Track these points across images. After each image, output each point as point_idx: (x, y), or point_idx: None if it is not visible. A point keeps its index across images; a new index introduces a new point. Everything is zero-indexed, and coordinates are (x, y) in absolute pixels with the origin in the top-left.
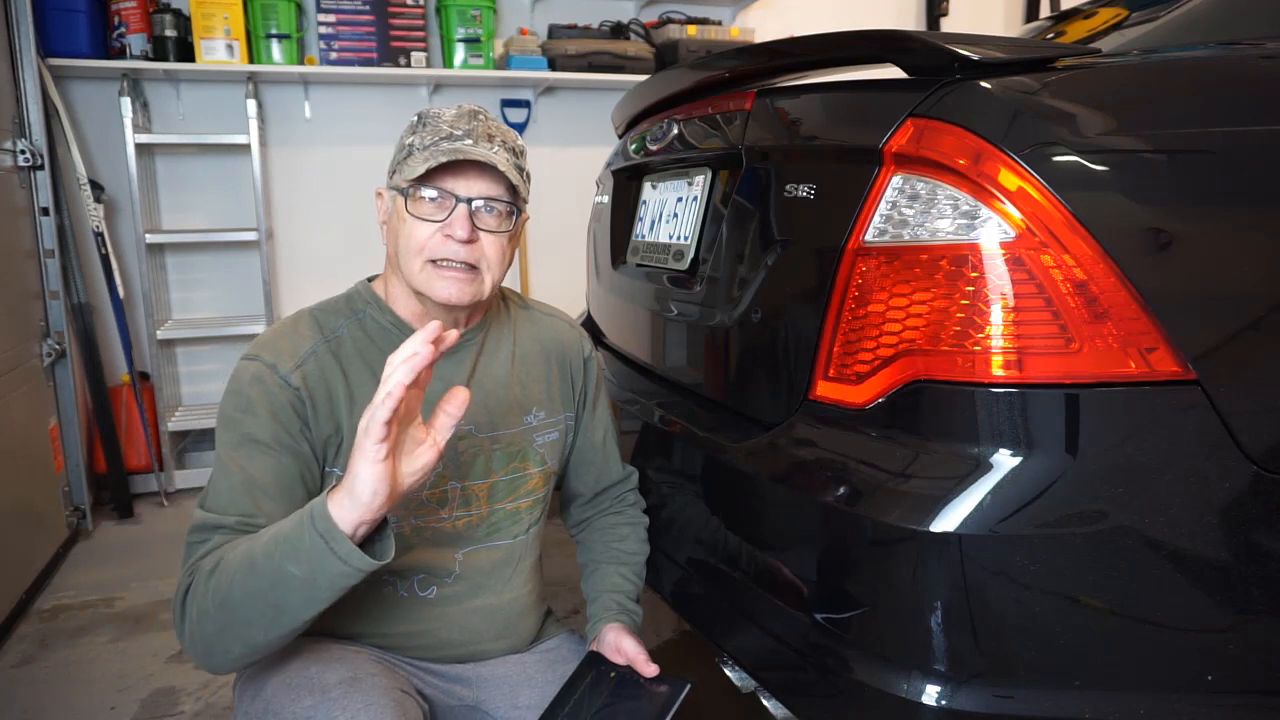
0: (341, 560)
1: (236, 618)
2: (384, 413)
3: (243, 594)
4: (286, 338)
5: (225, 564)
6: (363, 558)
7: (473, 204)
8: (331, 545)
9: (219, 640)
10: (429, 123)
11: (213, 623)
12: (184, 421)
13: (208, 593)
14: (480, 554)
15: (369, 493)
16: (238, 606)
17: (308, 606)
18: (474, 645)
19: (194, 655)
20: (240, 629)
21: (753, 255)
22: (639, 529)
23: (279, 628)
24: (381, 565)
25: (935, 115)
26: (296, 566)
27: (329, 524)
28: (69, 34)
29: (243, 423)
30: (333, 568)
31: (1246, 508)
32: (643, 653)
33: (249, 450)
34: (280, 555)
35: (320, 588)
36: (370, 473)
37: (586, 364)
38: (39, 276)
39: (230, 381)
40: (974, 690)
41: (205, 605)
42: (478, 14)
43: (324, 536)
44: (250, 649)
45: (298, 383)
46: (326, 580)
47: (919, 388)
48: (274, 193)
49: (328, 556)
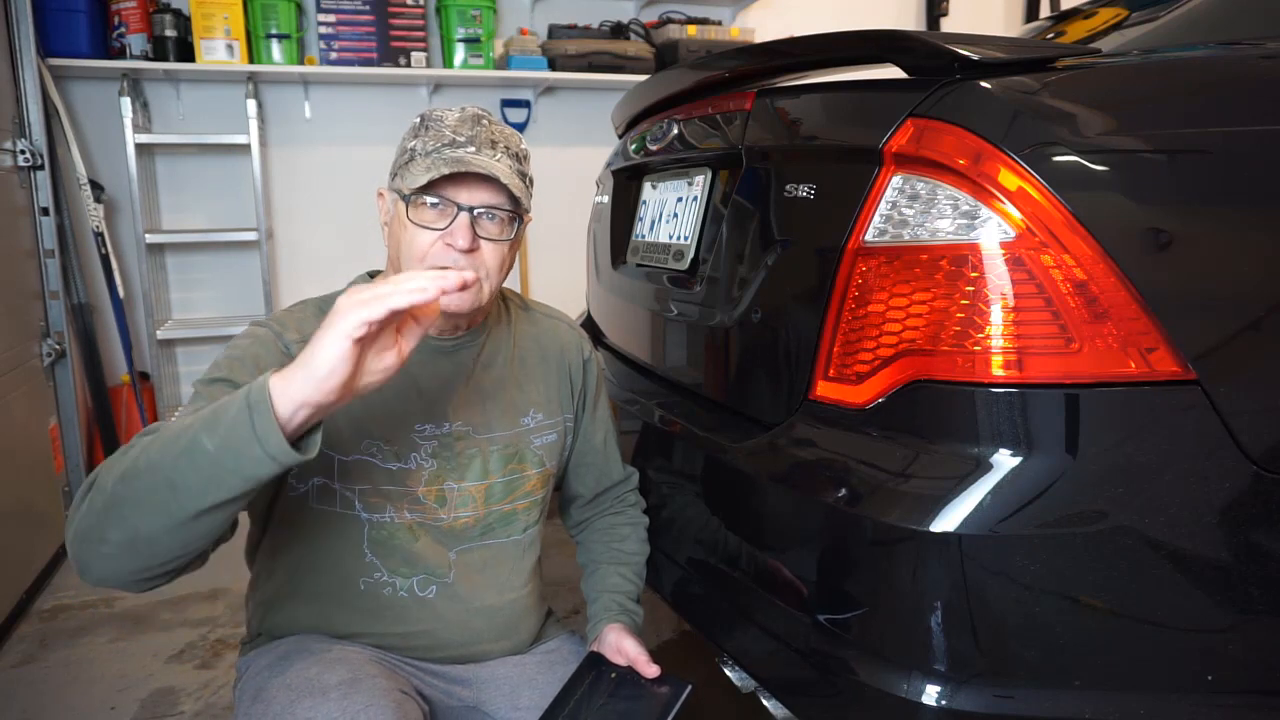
0: (258, 439)
1: (128, 493)
2: (376, 312)
3: (145, 464)
4: (294, 315)
5: (140, 442)
6: (281, 442)
7: (474, 212)
8: (254, 418)
9: (99, 523)
10: (432, 126)
11: (103, 499)
12: None
13: (111, 469)
14: (477, 553)
15: (326, 368)
16: (137, 479)
17: (204, 492)
18: (474, 646)
19: (71, 544)
20: (126, 508)
21: (753, 255)
22: (639, 529)
23: (164, 515)
24: (297, 460)
25: (935, 115)
26: (210, 438)
27: (262, 395)
28: (69, 34)
29: (227, 368)
30: (246, 446)
31: (1246, 508)
32: (644, 653)
33: (221, 389)
34: (199, 426)
35: (225, 469)
36: (338, 349)
37: (586, 365)
38: (39, 276)
39: (235, 337)
40: (974, 690)
41: (104, 481)
42: (478, 14)
43: (251, 408)
44: (126, 543)
45: (296, 351)
46: (234, 460)
47: (919, 388)
48: (274, 193)
49: (245, 431)
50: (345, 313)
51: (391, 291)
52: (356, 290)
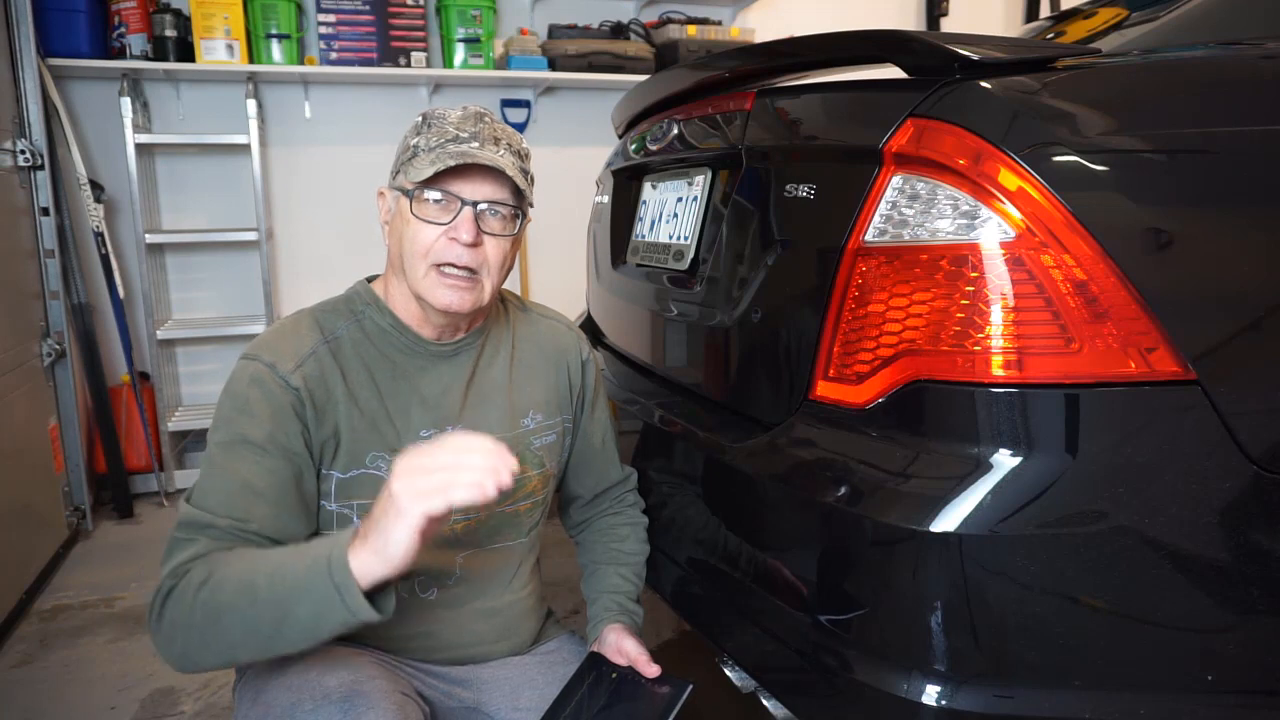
0: (350, 612)
1: (224, 637)
2: (438, 507)
3: (238, 619)
4: (286, 338)
5: (220, 582)
6: (370, 612)
7: (478, 207)
8: (345, 598)
9: (198, 650)
10: (434, 124)
11: (197, 634)
12: (184, 422)
13: (195, 605)
14: (480, 557)
15: (402, 555)
16: (230, 629)
17: (304, 642)
18: (475, 647)
19: (166, 655)
20: (225, 648)
21: (753, 255)
22: (638, 529)
23: (268, 653)
24: (381, 619)
25: (935, 115)
26: (303, 609)
27: (347, 578)
28: (69, 34)
29: (239, 423)
30: (340, 617)
31: (1246, 508)
32: (644, 653)
33: (244, 452)
34: (286, 594)
35: (322, 630)
36: (408, 539)
37: (585, 366)
38: (39, 276)
39: (229, 381)
40: (974, 690)
41: (192, 617)
42: (478, 14)
43: (339, 590)
44: (230, 663)
45: (298, 383)
46: (330, 626)
47: (919, 388)
48: (274, 193)
49: (338, 608)
50: (408, 507)
51: (449, 484)
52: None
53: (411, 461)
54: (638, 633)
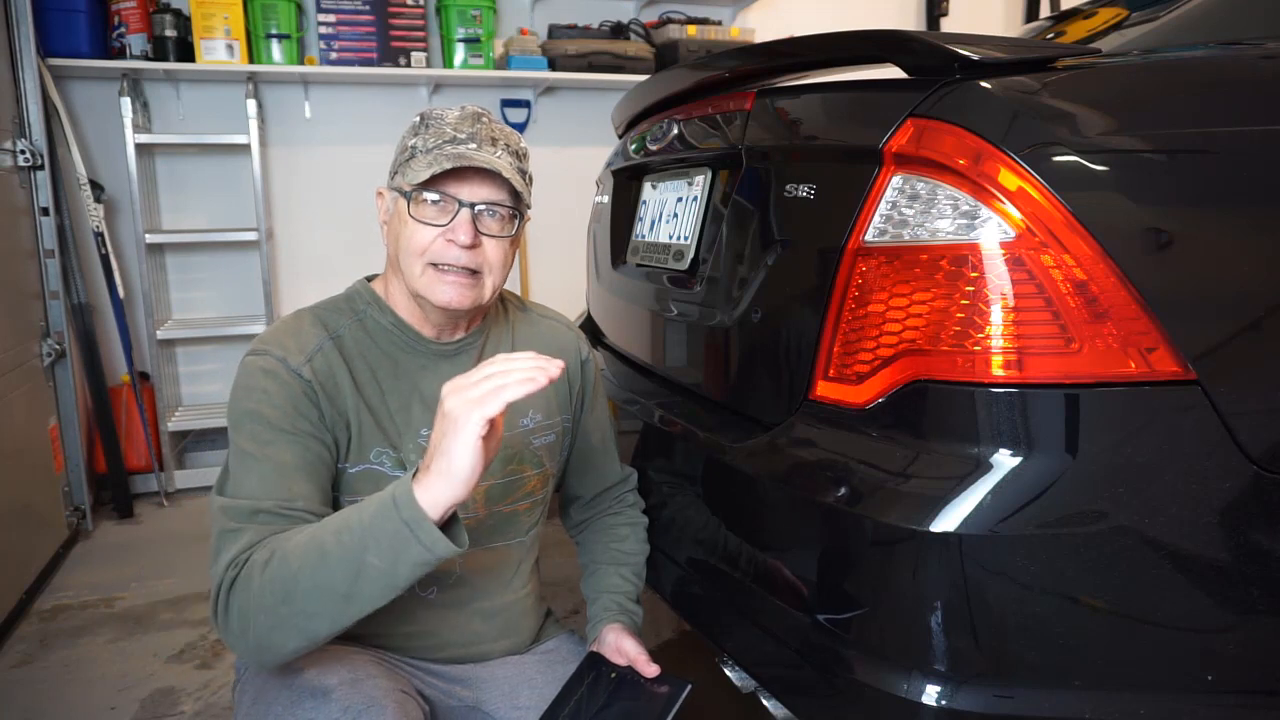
0: (426, 548)
1: (299, 608)
2: (494, 408)
3: (311, 586)
4: (291, 335)
5: (286, 554)
6: (447, 544)
7: (475, 209)
8: (417, 533)
9: (275, 634)
10: (432, 124)
11: (272, 616)
12: (184, 421)
13: (264, 584)
14: (480, 556)
15: (469, 470)
16: (304, 599)
17: (382, 595)
18: (474, 646)
19: (242, 650)
20: (303, 621)
21: (753, 255)
22: (638, 529)
23: (346, 618)
24: (458, 552)
25: (935, 115)
26: (378, 557)
27: (416, 511)
28: (69, 34)
29: (262, 412)
30: (416, 555)
31: (1246, 508)
32: (643, 653)
33: (273, 436)
34: (356, 544)
35: (399, 576)
36: (472, 451)
37: (584, 366)
38: (39, 276)
39: (240, 377)
40: (974, 690)
41: (263, 598)
42: (478, 14)
43: (409, 524)
44: (309, 641)
45: (309, 375)
46: (408, 569)
47: (919, 388)
48: (274, 193)
49: (412, 545)
50: (465, 415)
51: (504, 385)
52: (458, 384)
53: (457, 381)
54: (637, 632)
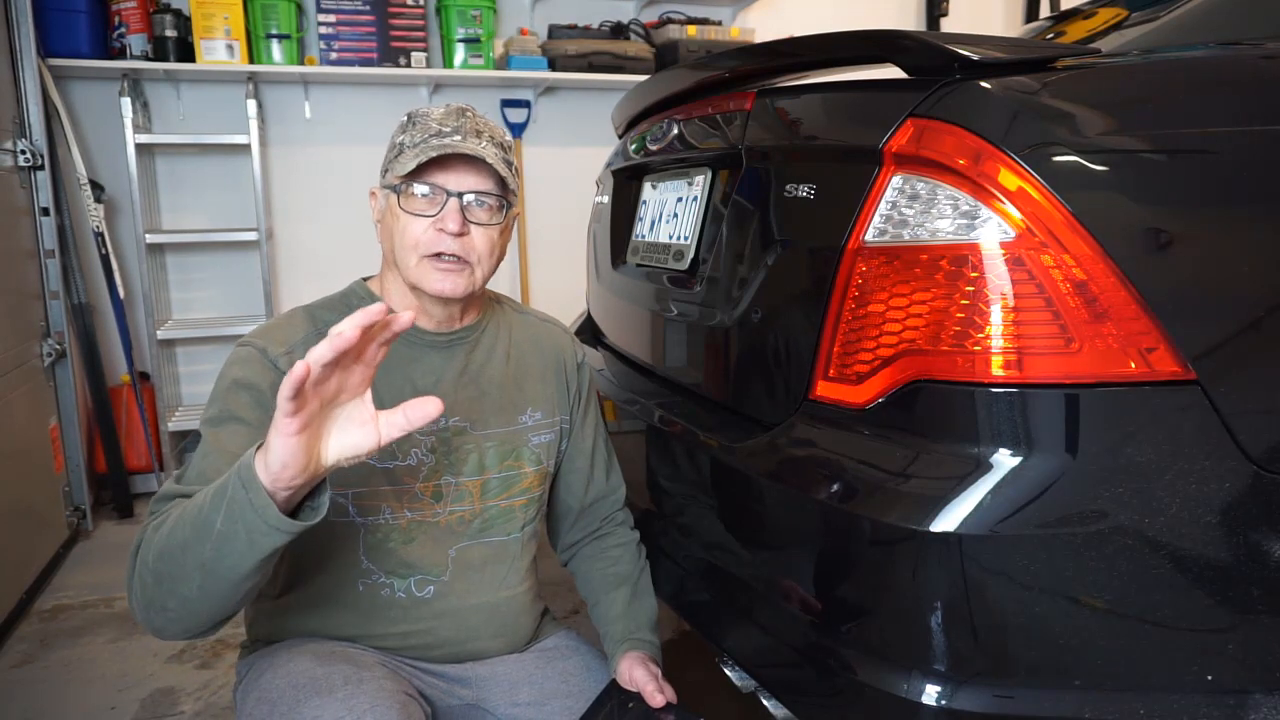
0: (256, 512)
1: (170, 570)
2: (287, 388)
3: (176, 545)
4: (280, 327)
5: (169, 517)
6: (278, 515)
7: (463, 198)
8: (250, 496)
9: (156, 594)
10: (418, 121)
11: (151, 574)
12: (184, 421)
13: (150, 546)
14: (473, 550)
15: (278, 463)
16: (172, 559)
17: (234, 565)
18: (472, 643)
19: (137, 614)
20: (174, 584)
21: (753, 255)
22: (629, 547)
23: (210, 585)
24: (301, 528)
25: (935, 115)
26: (220, 519)
27: (251, 475)
28: (69, 34)
29: (227, 401)
30: (252, 523)
31: (1246, 508)
32: (653, 682)
33: (229, 427)
34: (209, 507)
35: (242, 544)
36: (281, 445)
37: (580, 369)
38: (39, 276)
39: (223, 366)
40: (974, 690)
41: (147, 559)
42: (478, 14)
43: (245, 487)
44: (186, 609)
45: (285, 366)
46: (247, 537)
47: (919, 388)
48: (274, 193)
49: (248, 510)
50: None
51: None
52: None
53: None
54: (654, 659)
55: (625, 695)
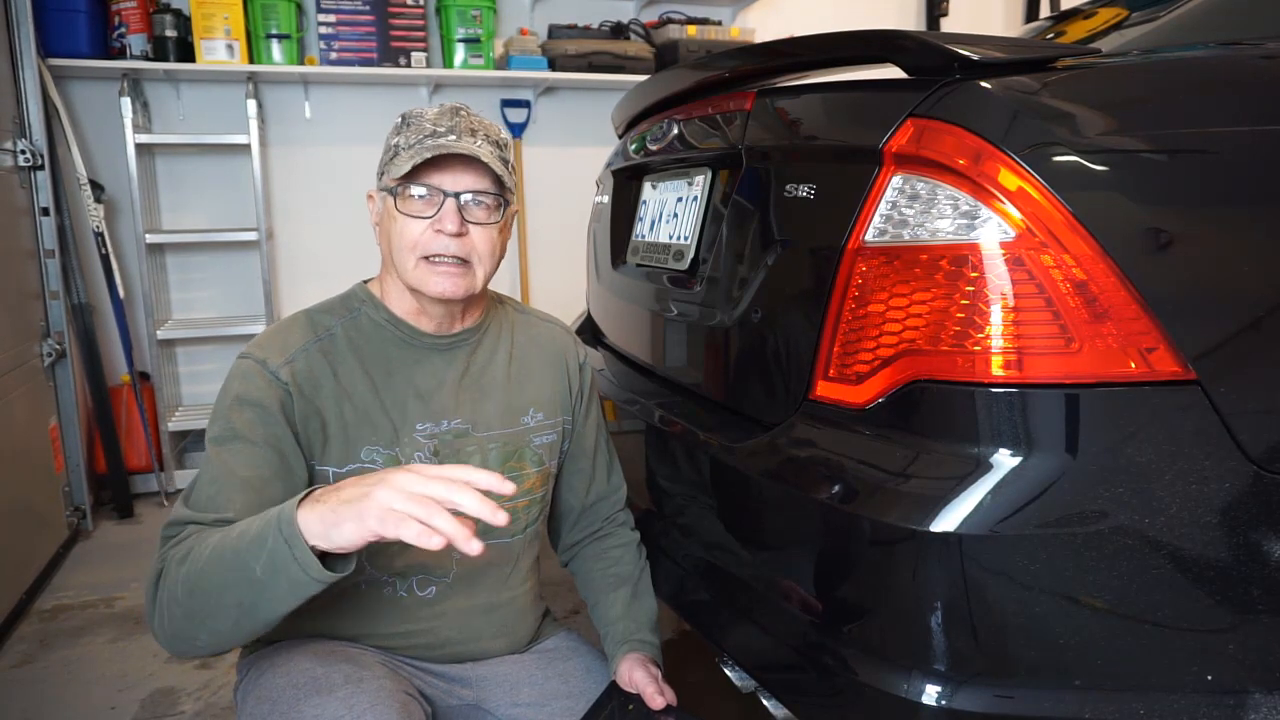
0: (300, 567)
1: (204, 608)
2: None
3: (211, 585)
4: (279, 335)
5: (196, 554)
6: (320, 569)
7: (460, 198)
8: (294, 552)
9: (186, 627)
10: (413, 122)
11: (181, 609)
12: (184, 421)
13: (178, 579)
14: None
15: (342, 541)
16: (206, 597)
17: (271, 607)
18: (473, 644)
19: (162, 641)
20: (207, 619)
21: (753, 255)
22: (630, 548)
23: (245, 622)
24: (338, 578)
25: (935, 115)
26: (260, 567)
27: (294, 530)
28: (69, 34)
29: (229, 417)
30: (293, 573)
31: (1246, 508)
32: (652, 684)
33: (232, 445)
34: (247, 553)
35: (281, 590)
36: (355, 535)
37: (582, 369)
38: (39, 276)
39: (225, 379)
40: (974, 690)
41: (175, 592)
42: (478, 14)
43: (288, 542)
44: (217, 639)
45: (286, 378)
46: (287, 585)
47: (919, 388)
48: (274, 193)
49: (289, 563)
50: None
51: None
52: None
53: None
54: (654, 660)
55: (625, 697)
